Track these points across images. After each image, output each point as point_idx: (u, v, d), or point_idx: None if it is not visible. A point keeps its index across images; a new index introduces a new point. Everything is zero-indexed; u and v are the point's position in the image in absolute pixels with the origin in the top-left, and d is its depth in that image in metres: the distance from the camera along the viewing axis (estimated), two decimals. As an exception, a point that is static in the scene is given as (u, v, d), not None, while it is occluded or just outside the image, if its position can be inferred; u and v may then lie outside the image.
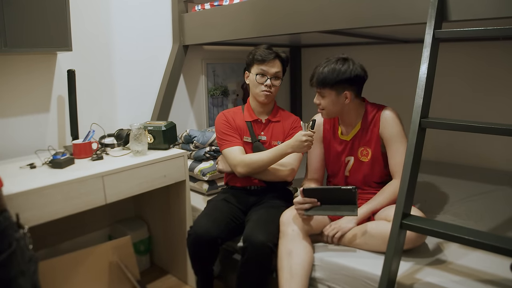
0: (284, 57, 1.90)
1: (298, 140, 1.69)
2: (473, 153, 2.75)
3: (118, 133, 2.12)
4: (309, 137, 1.68)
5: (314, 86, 1.71)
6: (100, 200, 1.69)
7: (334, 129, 1.83)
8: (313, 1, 1.82)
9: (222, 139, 1.91)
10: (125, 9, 2.41)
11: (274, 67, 1.85)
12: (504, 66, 2.54)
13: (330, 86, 1.65)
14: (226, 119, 1.94)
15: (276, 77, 1.87)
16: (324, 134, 1.86)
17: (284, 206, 1.83)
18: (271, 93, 1.87)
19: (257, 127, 1.95)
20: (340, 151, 1.80)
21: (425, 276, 1.39)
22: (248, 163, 1.80)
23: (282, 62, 1.89)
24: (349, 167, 1.79)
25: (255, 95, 1.90)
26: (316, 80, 1.67)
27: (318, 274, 1.59)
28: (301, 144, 1.69)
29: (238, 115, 1.97)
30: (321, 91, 1.69)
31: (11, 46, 1.70)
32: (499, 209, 1.96)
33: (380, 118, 1.71)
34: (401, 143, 1.67)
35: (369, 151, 1.74)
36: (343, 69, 1.64)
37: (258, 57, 1.85)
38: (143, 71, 2.55)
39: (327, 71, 1.65)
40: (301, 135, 1.68)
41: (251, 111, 1.96)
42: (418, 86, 1.33)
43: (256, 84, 1.87)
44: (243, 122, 1.95)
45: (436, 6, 1.37)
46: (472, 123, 1.25)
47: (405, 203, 1.30)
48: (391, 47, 2.99)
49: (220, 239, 1.71)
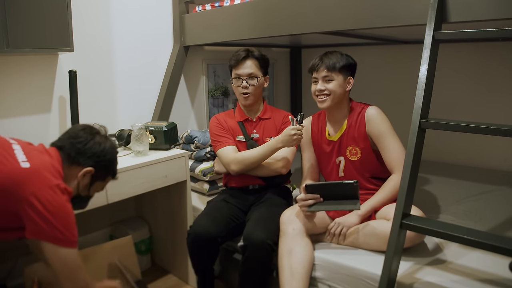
0: (257, 55, 1.91)
1: (287, 135, 1.71)
2: (472, 153, 2.76)
3: (120, 133, 2.13)
4: (298, 131, 1.70)
5: (321, 69, 1.71)
6: (102, 200, 1.70)
7: (322, 131, 1.86)
8: (313, 2, 1.83)
9: (215, 141, 1.94)
10: (126, 10, 2.42)
11: (247, 67, 1.88)
12: (505, 66, 2.55)
13: (339, 69, 1.70)
14: (218, 121, 1.98)
15: (250, 77, 1.88)
16: (313, 136, 1.88)
17: (284, 204, 1.85)
18: (249, 93, 1.89)
19: (248, 125, 1.97)
20: (329, 152, 1.82)
21: (425, 275, 1.40)
22: (240, 160, 1.82)
23: (257, 60, 1.90)
24: (341, 167, 1.81)
25: (238, 99, 1.96)
26: (326, 63, 1.70)
27: (318, 273, 1.60)
28: (290, 138, 1.71)
29: (229, 117, 2.01)
30: (329, 74, 1.70)
31: (13, 47, 1.71)
32: (498, 209, 1.97)
33: (365, 117, 1.73)
34: (392, 138, 1.69)
35: (357, 150, 1.75)
36: (345, 56, 1.73)
37: (231, 62, 1.92)
38: (144, 71, 2.56)
39: (336, 58, 1.70)
40: (290, 129, 1.71)
41: (242, 112, 1.99)
42: (418, 87, 1.34)
43: (235, 88, 1.92)
44: (235, 122, 1.98)
45: (436, 7, 1.37)
46: (472, 124, 1.26)
47: (405, 203, 1.31)
48: (391, 48, 3.00)
49: (220, 238, 1.72)
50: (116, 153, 1.40)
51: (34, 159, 1.18)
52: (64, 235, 1.15)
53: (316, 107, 1.79)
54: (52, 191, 1.14)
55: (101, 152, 1.32)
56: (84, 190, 1.34)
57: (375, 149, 1.75)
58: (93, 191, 1.39)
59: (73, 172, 1.29)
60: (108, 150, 1.34)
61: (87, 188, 1.35)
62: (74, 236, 1.19)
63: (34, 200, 1.11)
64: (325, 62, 1.70)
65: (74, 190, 1.30)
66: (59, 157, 1.27)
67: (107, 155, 1.34)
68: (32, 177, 1.14)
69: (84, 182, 1.32)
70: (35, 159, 1.19)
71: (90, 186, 1.35)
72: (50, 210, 1.12)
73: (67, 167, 1.28)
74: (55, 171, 1.20)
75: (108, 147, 1.34)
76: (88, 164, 1.29)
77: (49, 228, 1.13)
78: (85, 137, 1.31)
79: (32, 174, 1.14)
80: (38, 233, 1.13)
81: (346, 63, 1.71)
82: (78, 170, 1.29)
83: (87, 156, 1.29)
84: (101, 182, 1.39)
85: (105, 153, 1.33)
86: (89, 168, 1.30)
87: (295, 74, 3.63)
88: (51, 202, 1.13)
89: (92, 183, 1.35)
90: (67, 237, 1.16)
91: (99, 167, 1.32)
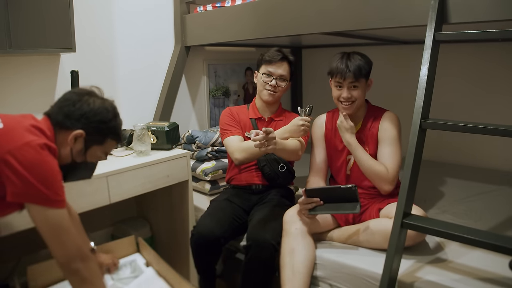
0: (292, 60, 1.94)
1: (295, 125, 1.71)
2: (472, 153, 2.77)
3: (122, 133, 2.13)
4: (306, 122, 1.70)
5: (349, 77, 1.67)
6: (104, 200, 1.71)
7: (336, 128, 1.86)
8: (315, 3, 1.84)
9: (224, 129, 1.95)
10: (128, 10, 2.43)
11: (281, 68, 1.89)
12: (505, 67, 2.56)
13: (365, 75, 1.70)
14: (230, 112, 1.99)
15: (281, 78, 1.90)
16: (326, 133, 1.89)
17: (287, 204, 1.86)
18: (275, 93, 1.90)
19: (260, 124, 1.98)
20: (341, 149, 1.83)
21: (425, 274, 1.41)
22: (245, 148, 1.80)
23: (290, 65, 1.93)
24: (350, 165, 1.82)
25: (261, 93, 1.94)
26: (353, 72, 1.66)
27: (319, 272, 1.61)
28: (298, 128, 1.71)
29: (242, 111, 2.02)
30: (355, 82, 1.69)
31: (15, 47, 1.72)
32: (498, 209, 1.98)
33: (381, 120, 1.75)
34: (395, 147, 1.70)
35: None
36: (366, 57, 1.73)
37: (266, 57, 1.91)
38: (145, 71, 2.57)
39: (360, 62, 1.68)
40: (298, 119, 1.71)
41: (256, 109, 2.00)
42: (418, 88, 1.35)
43: (262, 83, 1.92)
44: (247, 118, 1.99)
45: (436, 8, 1.39)
46: (472, 124, 1.27)
47: (406, 202, 1.32)
48: (391, 48, 3.01)
49: (223, 238, 1.73)
50: (111, 113, 1.24)
51: (9, 120, 1.11)
52: (44, 194, 1.06)
53: (316, 107, 1.79)
54: (28, 147, 1.06)
55: (90, 113, 1.19)
56: (78, 156, 1.22)
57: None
58: (91, 157, 1.25)
59: (64, 137, 1.18)
60: (99, 110, 1.20)
61: (82, 154, 1.22)
62: (58, 195, 1.10)
63: (10, 158, 1.03)
64: (352, 69, 1.66)
65: (68, 156, 1.20)
66: (49, 123, 1.18)
67: (98, 116, 1.20)
68: (7, 135, 1.07)
69: (77, 147, 1.20)
70: (11, 120, 1.12)
71: (85, 152, 1.22)
72: (27, 167, 1.04)
73: (58, 133, 1.18)
74: (36, 130, 1.11)
75: (98, 107, 1.20)
76: (76, 127, 1.18)
77: (27, 187, 1.05)
78: (73, 99, 1.20)
79: (6, 133, 1.07)
80: (17, 194, 1.06)
81: (369, 67, 1.71)
82: (68, 134, 1.18)
83: (75, 118, 1.18)
84: (100, 147, 1.25)
85: (94, 113, 1.19)
86: (78, 131, 1.18)
87: (295, 74, 3.62)
88: (27, 158, 1.05)
89: (87, 148, 1.22)
90: (48, 196, 1.07)
91: (90, 130, 1.19)
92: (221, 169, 2.30)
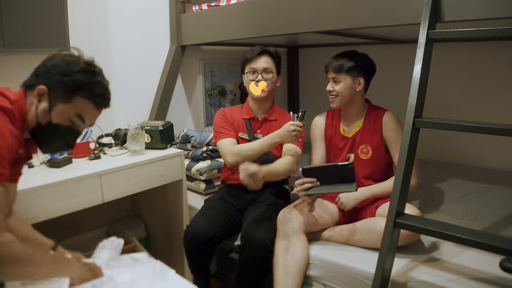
0: (272, 52, 1.93)
1: (287, 130, 1.70)
2: (468, 153, 2.77)
3: (116, 132, 2.13)
4: (298, 127, 1.69)
5: (330, 71, 1.76)
6: (98, 199, 1.70)
7: (336, 126, 1.88)
8: (310, 1, 1.84)
9: (217, 132, 1.94)
10: (123, 9, 2.42)
11: (262, 61, 1.88)
12: (501, 65, 2.55)
13: (346, 70, 1.72)
14: (223, 114, 1.98)
15: (266, 71, 1.89)
16: (326, 131, 1.89)
17: (282, 204, 1.85)
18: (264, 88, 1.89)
19: (253, 124, 1.97)
20: (341, 148, 1.84)
21: (419, 274, 1.40)
22: (238, 152, 1.80)
23: (272, 57, 1.92)
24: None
25: (249, 93, 1.94)
26: (334, 65, 1.74)
27: (313, 272, 1.61)
28: (289, 134, 1.69)
29: (236, 112, 2.01)
30: (337, 76, 1.74)
31: (9, 47, 1.71)
32: (494, 208, 1.97)
33: (383, 121, 1.77)
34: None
35: (369, 150, 1.78)
36: (359, 56, 1.76)
37: (246, 56, 1.91)
38: (141, 71, 2.56)
39: (345, 59, 1.73)
40: (289, 124, 1.69)
41: (249, 109, 1.99)
42: (412, 86, 1.35)
43: (248, 82, 1.91)
44: (241, 118, 1.98)
45: (430, 7, 1.38)
46: (466, 123, 1.27)
47: (399, 202, 1.32)
48: (387, 47, 3.00)
49: (217, 238, 1.72)
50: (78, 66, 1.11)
51: None
52: None
53: (313, 106, 1.79)
54: None
55: (53, 67, 1.09)
56: (43, 116, 1.09)
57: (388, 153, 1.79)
58: (58, 118, 1.10)
59: (31, 98, 1.09)
60: (62, 63, 1.10)
61: (46, 113, 1.09)
62: None
63: None
64: (333, 64, 1.74)
65: (34, 117, 1.09)
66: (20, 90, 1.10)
67: (59, 67, 1.09)
68: None
69: (41, 107, 1.08)
70: None
71: (50, 111, 1.09)
72: None
73: (28, 96, 1.10)
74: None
75: (61, 60, 1.10)
76: (40, 83, 1.08)
77: None
78: (45, 60, 1.12)
79: None
80: None
81: (353, 65, 1.72)
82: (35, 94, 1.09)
83: (39, 74, 1.10)
84: (68, 106, 1.10)
85: (56, 66, 1.09)
86: (40, 86, 1.07)
87: (292, 74, 3.64)
88: None
89: (51, 107, 1.09)
90: None
91: (53, 84, 1.08)
92: (216, 168, 2.30)
